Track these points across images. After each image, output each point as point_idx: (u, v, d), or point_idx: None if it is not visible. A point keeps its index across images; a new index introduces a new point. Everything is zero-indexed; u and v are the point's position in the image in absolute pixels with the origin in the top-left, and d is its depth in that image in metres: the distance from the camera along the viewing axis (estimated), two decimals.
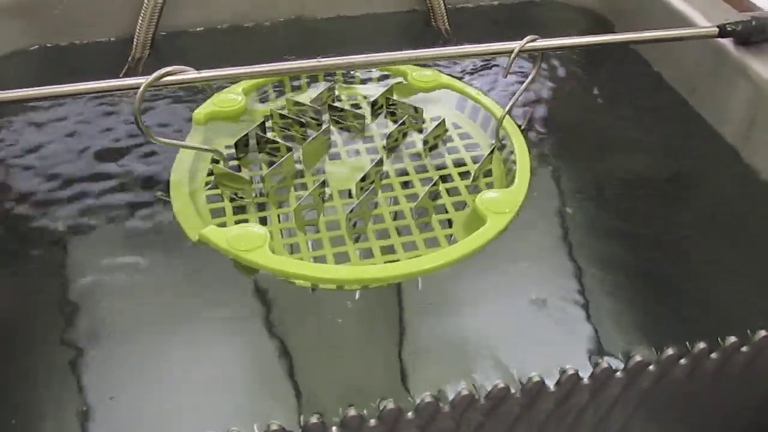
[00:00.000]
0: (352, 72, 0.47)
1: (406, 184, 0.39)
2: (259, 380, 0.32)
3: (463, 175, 0.40)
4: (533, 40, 0.36)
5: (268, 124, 0.43)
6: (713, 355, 0.33)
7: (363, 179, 0.37)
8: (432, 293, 0.34)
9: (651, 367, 0.32)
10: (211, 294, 0.34)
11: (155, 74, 0.33)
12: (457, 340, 0.33)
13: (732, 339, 0.33)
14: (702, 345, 0.32)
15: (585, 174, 0.41)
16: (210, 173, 0.39)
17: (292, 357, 0.32)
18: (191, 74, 0.34)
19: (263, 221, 0.37)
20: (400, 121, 0.42)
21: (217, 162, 0.39)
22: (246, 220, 0.36)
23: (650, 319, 0.36)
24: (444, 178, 0.39)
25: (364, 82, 0.47)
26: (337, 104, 0.43)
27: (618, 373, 0.32)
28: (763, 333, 0.33)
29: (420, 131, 0.43)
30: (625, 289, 0.37)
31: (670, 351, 0.32)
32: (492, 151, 0.39)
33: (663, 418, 0.37)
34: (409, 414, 0.27)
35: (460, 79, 0.47)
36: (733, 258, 0.38)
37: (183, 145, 0.38)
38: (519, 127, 0.41)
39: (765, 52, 0.42)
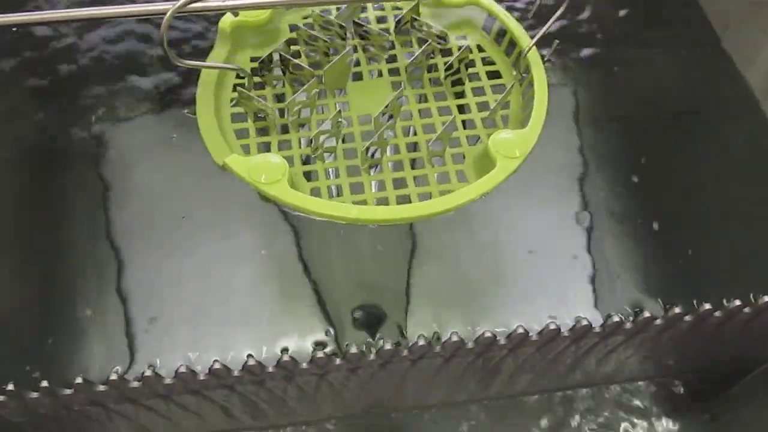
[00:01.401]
0: None
1: (425, 112, 0.40)
2: (255, 309, 0.36)
3: (481, 105, 0.40)
4: None
5: (295, 34, 0.43)
6: (716, 314, 0.35)
7: (384, 108, 0.38)
8: (433, 237, 0.36)
9: (658, 321, 0.35)
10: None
11: (181, 1, 0.34)
12: (449, 286, 0.36)
13: (737, 302, 0.35)
14: (707, 306, 0.35)
15: (603, 112, 0.42)
16: (235, 87, 0.41)
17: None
18: (216, 2, 0.34)
19: (285, 145, 0.39)
20: (426, 43, 0.41)
21: (242, 78, 0.40)
22: (269, 143, 0.38)
23: (653, 274, 0.39)
24: (462, 108, 0.40)
25: None
26: (362, 20, 0.43)
27: (596, 328, 0.35)
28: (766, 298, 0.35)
29: (444, 53, 0.43)
30: (630, 242, 0.39)
31: (677, 309, 0.35)
32: (512, 87, 0.39)
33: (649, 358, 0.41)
34: (405, 352, 0.31)
35: None
36: (742, 213, 0.39)
37: (206, 66, 0.38)
38: (543, 58, 0.40)
39: None
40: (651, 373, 0.45)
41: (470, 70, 0.42)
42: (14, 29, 0.44)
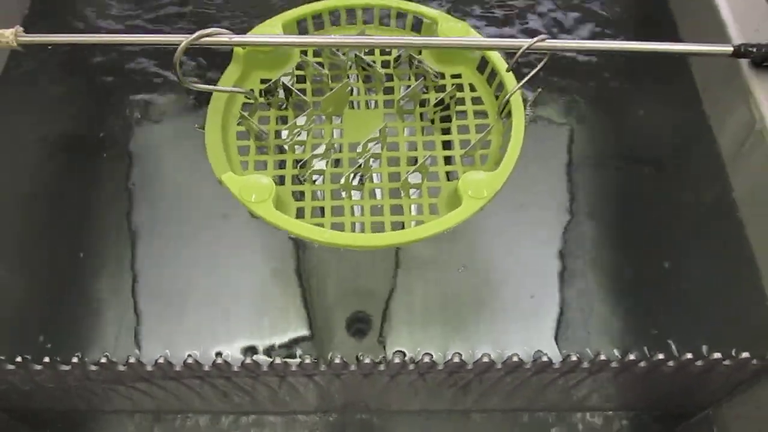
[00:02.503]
0: (388, 14, 0.49)
1: (411, 145, 0.43)
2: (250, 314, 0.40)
3: (464, 143, 0.43)
4: (542, 40, 0.38)
5: (305, 58, 0.46)
6: (670, 363, 0.38)
7: (372, 136, 0.42)
8: (411, 260, 0.40)
9: (613, 364, 0.38)
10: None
11: (195, 35, 0.38)
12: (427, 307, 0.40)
13: (688, 355, 0.38)
14: (660, 356, 0.38)
15: (579, 158, 0.44)
16: (244, 106, 0.45)
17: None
18: (225, 37, 0.38)
19: (280, 164, 0.42)
20: (420, 78, 0.45)
21: (250, 100, 0.44)
22: (265, 162, 0.42)
23: (614, 316, 0.42)
24: (448, 143, 0.43)
25: (398, 26, 0.49)
26: (365, 52, 0.46)
27: (556, 365, 0.38)
28: (717, 355, 0.38)
29: (438, 89, 0.46)
30: (590, 284, 0.42)
31: (631, 356, 0.38)
32: (490, 129, 0.42)
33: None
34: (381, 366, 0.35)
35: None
36: (702, 265, 0.42)
37: (216, 89, 0.43)
38: (525, 102, 0.43)
39: None
40: (609, 406, 0.48)
41: (459, 107, 0.45)
42: (49, 48, 0.49)
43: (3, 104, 0.51)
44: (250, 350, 0.41)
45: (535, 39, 0.38)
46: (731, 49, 0.41)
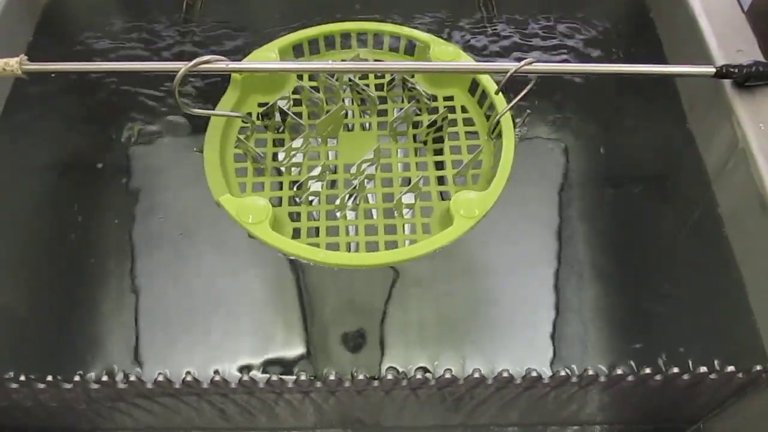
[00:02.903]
0: (381, 38, 0.50)
1: (404, 166, 0.45)
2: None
3: (456, 163, 0.44)
4: (529, 63, 0.39)
5: (301, 83, 0.48)
6: (657, 377, 0.39)
7: (366, 158, 0.43)
8: (393, 279, 0.41)
9: (601, 378, 0.38)
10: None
11: (193, 62, 0.39)
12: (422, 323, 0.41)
13: (675, 369, 0.39)
14: (647, 370, 0.38)
15: (569, 176, 0.46)
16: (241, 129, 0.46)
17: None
18: (222, 64, 0.40)
19: (277, 186, 0.44)
20: (413, 100, 0.46)
21: (247, 124, 0.45)
22: (262, 183, 0.43)
23: (601, 335, 0.43)
24: (441, 164, 0.45)
25: (392, 50, 0.50)
26: (360, 76, 0.48)
27: (546, 380, 0.39)
28: (703, 369, 0.38)
29: (432, 111, 0.47)
30: (583, 301, 0.43)
31: (618, 371, 0.38)
32: (480, 150, 0.43)
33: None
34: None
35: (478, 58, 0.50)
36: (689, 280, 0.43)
37: (214, 114, 0.44)
38: (514, 124, 0.44)
39: (757, 99, 0.43)
40: (600, 420, 0.49)
41: (451, 128, 0.46)
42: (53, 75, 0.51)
43: (7, 128, 0.52)
44: (248, 368, 0.42)
45: (522, 62, 0.39)
46: (714, 70, 0.42)
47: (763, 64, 0.43)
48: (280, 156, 0.44)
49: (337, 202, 0.42)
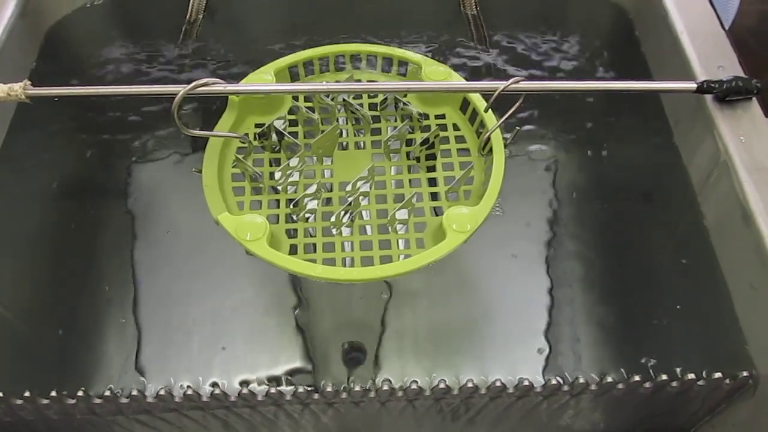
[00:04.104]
0: (374, 59, 0.52)
1: (398, 183, 0.46)
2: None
3: (449, 179, 0.46)
4: (517, 82, 0.41)
5: (296, 103, 0.49)
6: (646, 385, 0.40)
7: (361, 175, 0.44)
8: (388, 293, 0.42)
9: (592, 387, 0.39)
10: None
11: (192, 85, 0.41)
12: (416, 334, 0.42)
13: (663, 377, 0.40)
14: (637, 377, 0.39)
15: (558, 191, 0.47)
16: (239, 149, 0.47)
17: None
18: (220, 86, 0.41)
19: (274, 203, 0.45)
20: (406, 119, 0.47)
21: (244, 144, 0.47)
22: (260, 202, 0.45)
23: (593, 345, 0.44)
24: (434, 180, 0.46)
25: (384, 70, 0.52)
26: (354, 96, 0.49)
27: (537, 388, 0.40)
28: (691, 375, 0.39)
29: (424, 129, 0.48)
30: (573, 312, 0.44)
31: (609, 379, 0.39)
32: (471, 167, 0.45)
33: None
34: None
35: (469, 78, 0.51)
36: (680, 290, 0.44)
37: (212, 135, 0.45)
38: (504, 141, 0.46)
39: (738, 113, 0.44)
40: (594, 429, 0.49)
41: (443, 146, 0.47)
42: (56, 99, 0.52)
43: (11, 152, 0.53)
44: (246, 382, 0.43)
45: (510, 81, 0.41)
46: (695, 85, 0.44)
47: (743, 80, 0.44)
48: (277, 175, 0.46)
49: (333, 218, 0.43)
